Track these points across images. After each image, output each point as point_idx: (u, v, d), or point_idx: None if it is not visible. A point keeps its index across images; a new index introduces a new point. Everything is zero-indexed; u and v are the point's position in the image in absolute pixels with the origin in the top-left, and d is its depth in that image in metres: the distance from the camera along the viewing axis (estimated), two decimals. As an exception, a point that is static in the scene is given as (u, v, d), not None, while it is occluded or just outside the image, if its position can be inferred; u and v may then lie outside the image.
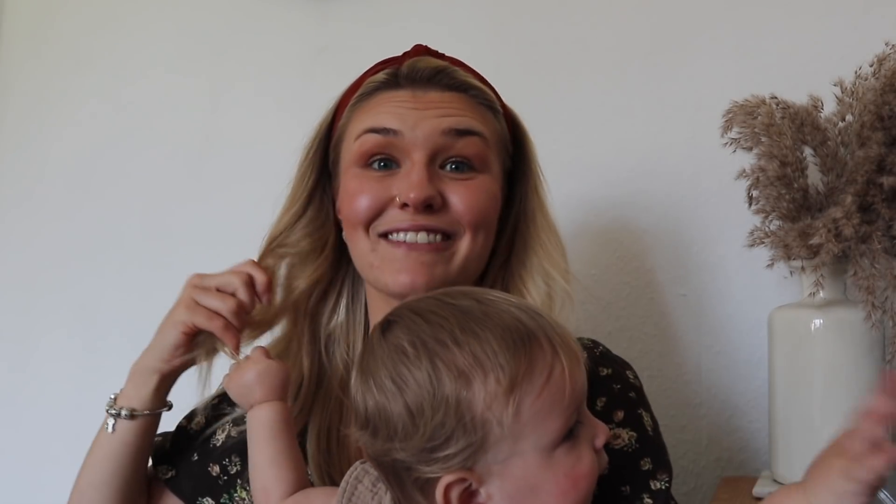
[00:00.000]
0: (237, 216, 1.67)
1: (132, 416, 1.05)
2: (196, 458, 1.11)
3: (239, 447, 1.06)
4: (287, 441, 0.95)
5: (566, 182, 1.47)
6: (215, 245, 1.68)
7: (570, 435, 0.79)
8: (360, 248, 1.05)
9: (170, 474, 1.12)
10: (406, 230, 1.01)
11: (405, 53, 1.09)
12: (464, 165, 1.04)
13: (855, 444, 0.69)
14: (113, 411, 1.06)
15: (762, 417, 1.31)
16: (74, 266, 1.79)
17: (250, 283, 1.04)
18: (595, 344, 1.06)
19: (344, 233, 1.10)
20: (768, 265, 1.18)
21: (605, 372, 1.02)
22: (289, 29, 1.68)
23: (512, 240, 1.10)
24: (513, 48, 1.55)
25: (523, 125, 1.13)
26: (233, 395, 0.99)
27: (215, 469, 1.09)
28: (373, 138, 1.04)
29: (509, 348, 0.77)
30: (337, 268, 1.13)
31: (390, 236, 1.03)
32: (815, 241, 1.11)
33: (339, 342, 1.12)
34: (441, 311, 0.80)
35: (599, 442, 0.82)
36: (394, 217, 1.02)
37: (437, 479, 0.77)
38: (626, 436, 0.97)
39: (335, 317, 1.14)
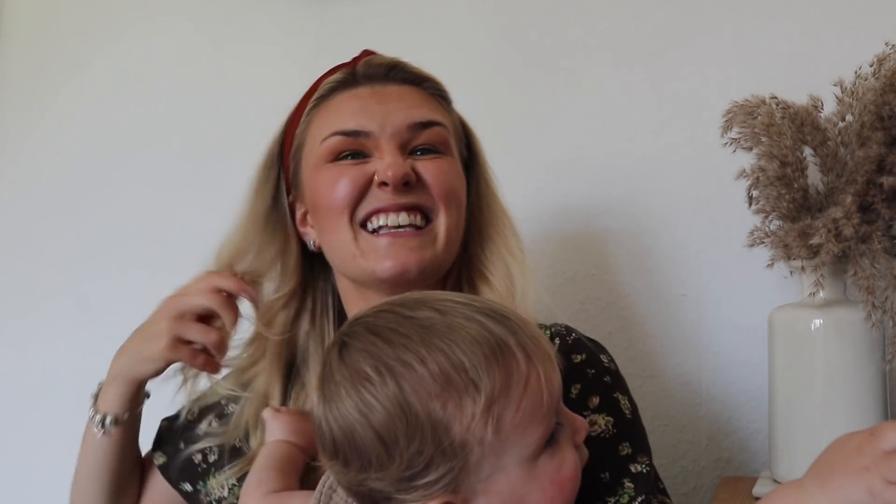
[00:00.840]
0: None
1: (116, 422, 1.10)
2: (182, 445, 1.16)
3: (217, 438, 1.11)
4: (291, 467, 0.98)
5: (566, 182, 1.48)
6: (215, 246, 1.69)
7: (550, 440, 0.77)
8: (342, 238, 1.05)
9: (161, 460, 1.17)
10: (387, 211, 1.03)
11: (354, 58, 1.12)
12: (430, 150, 1.07)
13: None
14: (98, 418, 1.10)
15: (762, 418, 1.31)
16: (74, 268, 1.79)
17: (229, 302, 1.06)
18: (568, 331, 1.05)
19: (314, 238, 1.10)
20: (768, 265, 1.18)
21: (578, 359, 1.01)
22: (288, 30, 1.68)
23: (468, 229, 1.11)
24: (512, 48, 1.55)
25: (465, 119, 1.17)
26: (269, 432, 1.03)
27: (198, 457, 1.14)
28: (341, 140, 1.06)
29: (481, 363, 0.73)
30: (304, 284, 1.14)
31: (369, 224, 1.04)
32: (815, 241, 1.11)
33: (312, 358, 1.12)
34: (401, 328, 0.75)
35: (580, 438, 0.81)
36: (376, 198, 1.03)
37: None
38: (602, 422, 0.96)
39: (311, 334, 1.14)
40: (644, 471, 0.95)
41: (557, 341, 1.00)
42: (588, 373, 1.00)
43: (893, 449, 0.65)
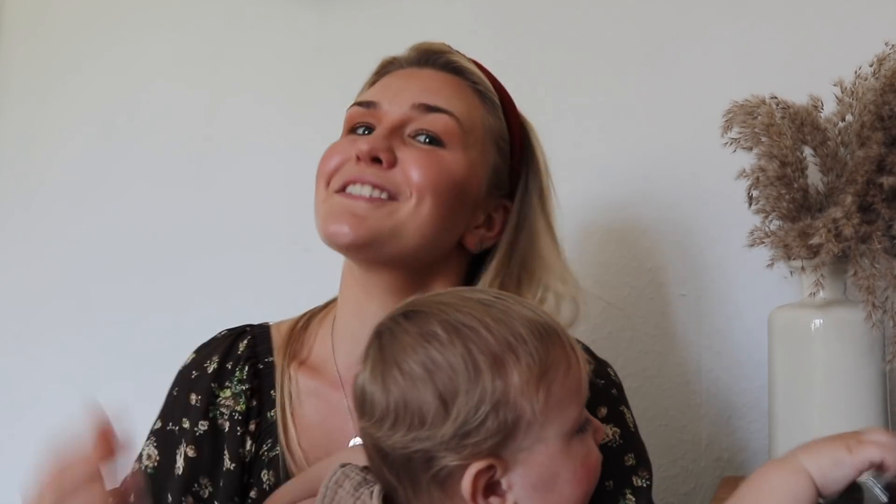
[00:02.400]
0: (237, 217, 1.68)
1: None
2: None
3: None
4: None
5: (566, 182, 1.47)
6: (215, 246, 1.69)
7: (582, 427, 0.82)
8: (318, 199, 1.05)
9: None
10: (354, 182, 1.01)
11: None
12: (432, 139, 1.03)
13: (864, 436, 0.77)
14: None
15: (762, 417, 1.32)
16: (75, 269, 1.79)
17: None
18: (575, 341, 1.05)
19: None
20: (768, 265, 1.18)
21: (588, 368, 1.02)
22: (288, 30, 1.69)
23: (511, 250, 1.08)
24: (513, 49, 1.55)
25: (533, 133, 1.14)
26: None
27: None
28: (355, 110, 1.07)
29: (536, 337, 0.79)
30: None
31: (345, 191, 1.03)
32: (815, 241, 1.11)
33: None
34: (464, 303, 0.82)
35: (599, 438, 0.85)
36: (346, 169, 1.03)
37: (460, 470, 0.78)
38: (609, 431, 0.98)
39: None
40: (644, 485, 0.97)
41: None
42: (598, 383, 1.01)
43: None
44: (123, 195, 1.77)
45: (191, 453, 1.03)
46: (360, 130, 1.06)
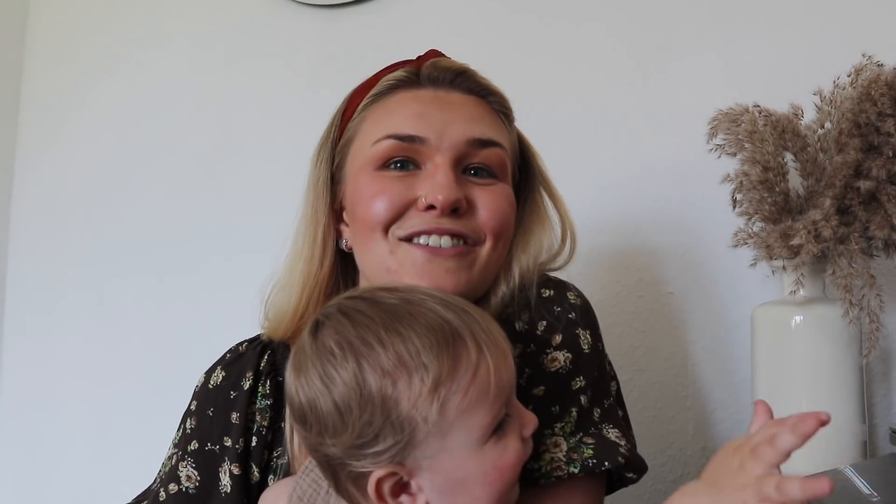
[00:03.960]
0: (249, 218, 1.70)
1: None
2: None
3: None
4: None
5: (558, 186, 1.51)
6: (225, 244, 1.72)
7: (497, 429, 0.81)
8: (377, 251, 0.98)
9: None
10: (429, 233, 0.96)
11: (420, 57, 1.05)
12: (485, 172, 1.00)
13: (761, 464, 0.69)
14: None
15: (745, 409, 1.33)
16: (94, 265, 1.81)
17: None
18: (548, 277, 1.04)
19: (347, 239, 1.04)
20: (751, 265, 1.20)
21: (547, 293, 1.00)
22: (298, 39, 1.70)
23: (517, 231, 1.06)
24: (511, 58, 1.56)
25: (526, 138, 1.12)
26: None
27: None
28: (395, 144, 0.98)
29: (433, 348, 0.78)
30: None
31: (414, 240, 0.97)
32: (795, 241, 1.12)
33: None
34: (368, 311, 0.81)
35: (527, 432, 0.84)
36: (417, 220, 0.97)
37: (368, 473, 0.79)
38: (562, 357, 0.96)
39: None
40: (586, 406, 0.95)
41: (516, 350, 0.91)
42: (554, 310, 0.99)
43: (768, 467, 0.69)
44: (140, 199, 1.79)
45: (236, 471, 1.03)
46: (396, 165, 0.98)
